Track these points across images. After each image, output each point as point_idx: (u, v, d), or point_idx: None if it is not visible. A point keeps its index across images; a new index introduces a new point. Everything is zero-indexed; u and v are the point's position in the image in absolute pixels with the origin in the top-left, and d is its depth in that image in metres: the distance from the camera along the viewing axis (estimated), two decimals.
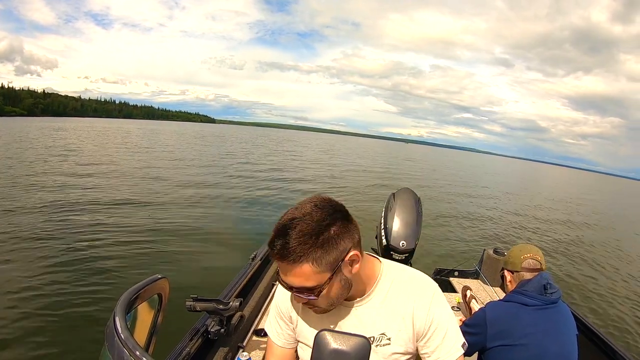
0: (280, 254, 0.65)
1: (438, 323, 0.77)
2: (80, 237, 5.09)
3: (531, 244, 1.44)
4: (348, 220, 0.70)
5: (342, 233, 0.67)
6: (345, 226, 0.68)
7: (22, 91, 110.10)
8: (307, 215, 0.65)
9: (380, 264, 0.83)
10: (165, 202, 7.70)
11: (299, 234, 0.64)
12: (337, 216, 0.67)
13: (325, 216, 0.66)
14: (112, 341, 0.59)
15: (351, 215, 0.72)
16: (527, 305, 1.23)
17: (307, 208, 0.66)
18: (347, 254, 0.69)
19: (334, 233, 0.66)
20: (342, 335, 0.68)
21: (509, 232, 8.88)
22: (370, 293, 0.79)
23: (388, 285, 0.80)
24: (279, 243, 0.65)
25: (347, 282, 0.72)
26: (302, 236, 0.64)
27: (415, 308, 0.77)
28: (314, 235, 0.64)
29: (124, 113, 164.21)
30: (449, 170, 32.06)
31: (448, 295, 2.74)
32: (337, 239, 0.66)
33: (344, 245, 0.68)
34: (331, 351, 0.66)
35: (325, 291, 0.69)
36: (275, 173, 14.30)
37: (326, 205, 0.68)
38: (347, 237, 0.68)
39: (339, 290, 0.72)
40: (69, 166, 11.36)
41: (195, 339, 1.43)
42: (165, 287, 0.88)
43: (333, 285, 0.70)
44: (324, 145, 51.66)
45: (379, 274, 0.80)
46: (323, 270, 0.66)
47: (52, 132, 28.31)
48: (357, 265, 0.72)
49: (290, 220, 0.65)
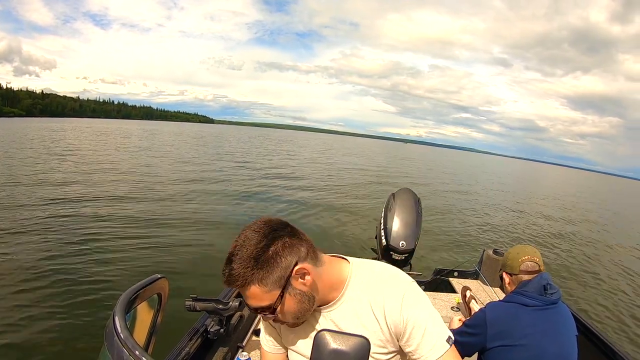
0: (228, 281, 0.70)
1: (415, 321, 0.75)
2: (79, 237, 5.09)
3: (529, 245, 1.44)
4: (292, 235, 0.73)
5: (282, 250, 0.70)
6: (287, 243, 0.71)
7: (21, 92, 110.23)
8: (246, 240, 0.70)
9: (349, 265, 0.82)
10: (165, 201, 7.69)
11: (240, 260, 0.68)
12: (274, 235, 0.70)
13: (262, 238, 0.70)
14: (111, 341, 0.59)
15: (297, 230, 0.75)
16: (527, 305, 1.23)
17: (246, 234, 0.71)
18: (292, 269, 0.71)
19: (272, 252, 0.69)
20: (341, 335, 0.68)
21: (508, 231, 8.88)
22: (340, 297, 0.79)
23: (358, 287, 0.79)
24: (226, 271, 0.70)
25: (304, 295, 0.74)
26: (243, 261, 0.68)
27: (387, 308, 0.76)
28: (253, 259, 0.68)
29: (122, 113, 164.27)
30: (446, 169, 32.08)
31: (447, 295, 2.74)
32: (277, 257, 0.69)
33: (287, 261, 0.70)
34: (331, 351, 0.67)
35: (280, 308, 0.73)
36: (274, 173, 14.30)
37: (263, 227, 0.71)
38: (290, 252, 0.71)
39: (297, 305, 0.74)
40: (68, 166, 11.36)
41: (195, 339, 1.43)
42: (164, 287, 0.88)
43: (287, 301, 0.72)
44: (322, 145, 51.69)
45: (348, 276, 0.80)
46: (271, 289, 0.70)
47: (51, 132, 28.33)
48: (309, 277, 0.73)
49: (233, 249, 0.70)
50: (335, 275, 0.79)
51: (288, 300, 0.72)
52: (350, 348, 0.66)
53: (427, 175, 22.75)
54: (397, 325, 0.76)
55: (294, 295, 0.72)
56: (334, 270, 0.79)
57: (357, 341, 0.67)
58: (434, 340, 0.76)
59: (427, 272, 3.20)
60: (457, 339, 1.34)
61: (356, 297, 0.79)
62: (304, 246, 0.74)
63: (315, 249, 0.77)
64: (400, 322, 0.76)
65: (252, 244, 0.69)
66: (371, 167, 22.75)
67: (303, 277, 0.73)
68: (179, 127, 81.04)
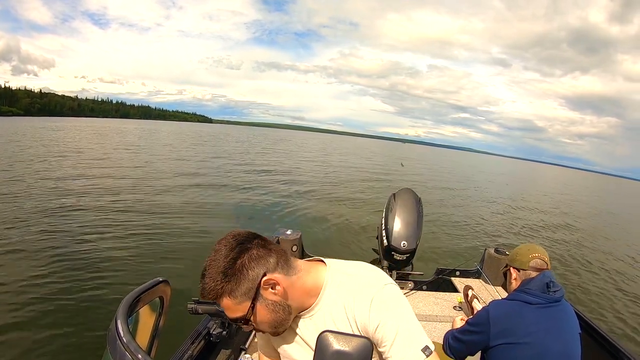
0: (202, 294, 0.73)
1: (383, 327, 0.72)
2: (80, 240, 5.08)
3: (538, 244, 1.45)
4: (260, 247, 0.74)
5: (249, 263, 0.71)
6: (253, 255, 0.72)
7: (19, 91, 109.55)
8: (216, 255, 0.72)
9: (326, 269, 0.81)
10: (166, 204, 7.69)
11: (210, 275, 0.71)
12: (241, 248, 0.72)
13: (229, 252, 0.71)
14: (114, 345, 0.59)
15: (266, 241, 0.76)
16: (530, 303, 1.23)
17: (217, 248, 0.73)
18: (260, 280, 0.72)
19: (239, 265, 0.71)
20: (344, 337, 0.68)
21: (509, 231, 8.87)
22: (318, 302, 0.79)
23: (335, 291, 0.78)
24: (200, 286, 0.73)
25: (277, 305, 0.75)
26: (213, 275, 0.70)
27: (356, 313, 0.75)
28: (221, 273, 0.70)
29: (120, 113, 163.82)
30: (444, 169, 32.06)
31: (450, 295, 2.74)
32: (244, 269, 0.71)
33: (255, 273, 0.71)
34: (333, 352, 0.66)
35: (254, 318, 0.75)
36: (273, 173, 14.29)
37: (231, 241, 0.73)
38: (258, 264, 0.72)
39: (271, 314, 0.75)
40: (67, 167, 11.33)
41: (198, 342, 1.43)
42: (166, 290, 0.88)
43: (259, 311, 0.74)
44: (321, 145, 51.67)
45: (325, 281, 0.79)
46: (241, 300, 0.72)
47: (50, 132, 28.29)
48: (279, 287, 0.74)
49: (206, 264, 0.73)
50: (311, 282, 0.79)
51: (260, 310, 0.74)
52: (353, 349, 0.66)
53: (426, 175, 22.73)
54: (367, 330, 0.74)
55: (265, 305, 0.73)
56: (309, 277, 0.79)
57: (359, 342, 0.67)
58: (406, 350, 0.71)
59: (429, 272, 3.20)
60: (460, 337, 1.35)
61: (332, 301, 0.78)
62: (272, 257, 0.74)
63: (288, 258, 0.77)
64: (369, 325, 0.74)
65: (220, 258, 0.71)
66: (370, 167, 22.74)
67: (273, 287, 0.73)
68: (178, 127, 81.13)
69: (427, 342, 0.73)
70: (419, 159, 45.47)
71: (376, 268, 0.83)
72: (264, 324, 0.76)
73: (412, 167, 29.09)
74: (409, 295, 2.67)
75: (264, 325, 0.76)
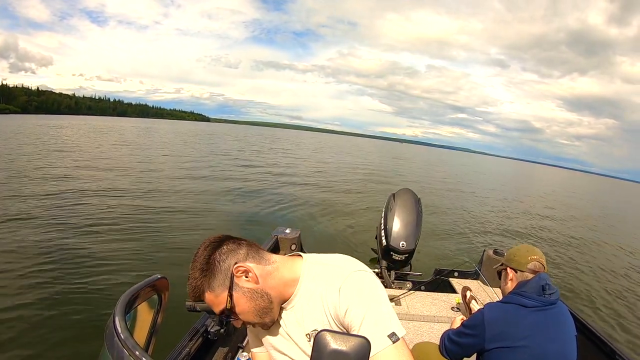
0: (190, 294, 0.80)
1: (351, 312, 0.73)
2: (78, 236, 5.09)
3: (535, 247, 1.45)
4: (230, 243, 0.81)
5: (220, 256, 0.78)
6: (224, 249, 0.79)
7: (16, 88, 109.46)
8: (195, 257, 0.80)
9: (302, 261, 0.85)
10: (165, 200, 7.69)
11: (191, 275, 0.79)
12: (214, 246, 0.79)
13: (203, 251, 0.79)
14: (111, 341, 0.60)
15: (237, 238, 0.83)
16: (525, 306, 1.23)
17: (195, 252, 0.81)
18: (232, 269, 0.78)
19: (212, 260, 0.78)
20: (341, 336, 0.68)
21: (508, 232, 8.88)
22: (296, 293, 0.83)
23: (311, 282, 0.81)
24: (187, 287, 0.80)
25: (254, 292, 0.79)
26: (193, 274, 0.79)
27: (328, 299, 0.77)
28: (199, 270, 0.78)
29: (118, 111, 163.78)
30: (443, 169, 32.06)
31: (448, 295, 2.74)
32: (218, 263, 0.78)
33: (227, 264, 0.78)
34: (331, 351, 0.67)
35: (236, 308, 0.79)
36: (272, 172, 14.30)
37: (206, 242, 0.81)
38: (229, 256, 0.79)
39: (250, 302, 0.79)
40: (65, 165, 11.33)
41: (195, 339, 1.43)
42: (165, 287, 0.88)
43: (237, 300, 0.78)
44: (319, 144, 51.66)
45: (301, 272, 0.83)
46: (219, 292, 0.77)
47: (48, 129, 28.27)
48: (251, 274, 0.79)
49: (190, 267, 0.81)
50: (288, 273, 0.83)
51: (238, 299, 0.78)
52: (350, 349, 0.66)
53: (424, 174, 22.74)
54: (338, 316, 0.76)
55: (242, 293, 0.78)
56: (285, 268, 0.83)
57: (357, 342, 0.67)
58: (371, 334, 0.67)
59: (428, 273, 3.20)
60: (455, 339, 1.35)
61: (309, 292, 0.81)
62: (242, 249, 0.81)
63: (258, 249, 0.83)
64: (340, 313, 0.75)
65: (198, 259, 0.79)
66: (369, 167, 22.74)
67: (247, 274, 0.79)
68: (175, 126, 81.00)
69: (396, 328, 0.72)
70: (415, 159, 45.44)
71: (352, 258, 0.84)
72: (247, 313, 0.80)
73: (407, 167, 29.09)
74: (407, 296, 2.67)
75: (248, 315, 0.80)
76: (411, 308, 2.50)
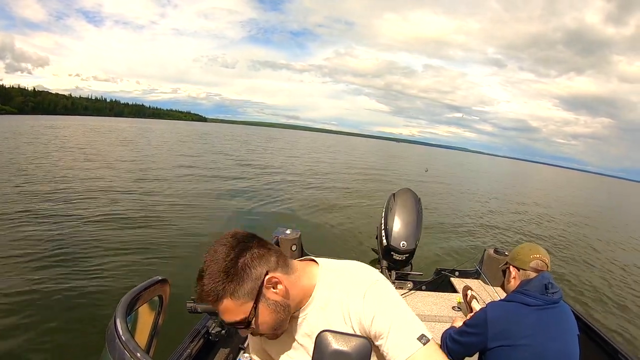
0: (200, 297, 0.71)
1: (378, 317, 0.73)
2: (79, 238, 5.07)
3: (539, 245, 1.45)
4: (260, 246, 0.73)
5: (252, 261, 0.70)
6: (255, 254, 0.71)
7: (13, 89, 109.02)
8: (215, 255, 0.70)
9: (318, 268, 0.82)
10: (165, 202, 7.68)
11: (210, 275, 0.69)
12: (242, 247, 0.71)
13: (230, 251, 0.70)
14: (113, 343, 0.59)
15: (265, 240, 0.76)
16: (528, 305, 1.23)
17: (215, 248, 0.71)
18: (263, 279, 0.71)
19: (242, 264, 0.69)
20: (342, 336, 0.68)
21: (508, 231, 8.87)
22: (311, 301, 0.79)
23: (327, 290, 0.79)
24: (198, 288, 0.70)
25: (278, 305, 0.74)
26: (213, 276, 0.68)
27: (351, 307, 0.75)
28: (223, 272, 0.68)
29: (114, 111, 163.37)
30: (441, 169, 32.06)
31: (449, 295, 2.74)
32: (247, 268, 0.70)
33: (258, 272, 0.71)
34: (332, 352, 0.66)
35: (255, 320, 0.72)
36: (271, 172, 14.28)
37: (230, 240, 0.72)
38: (260, 263, 0.71)
39: (272, 315, 0.74)
40: (63, 166, 11.31)
41: (196, 341, 1.43)
42: (165, 289, 0.88)
43: (261, 312, 0.72)
44: (317, 144, 51.63)
45: (317, 280, 0.80)
46: (244, 301, 0.70)
47: (45, 129, 28.20)
48: (281, 286, 0.73)
49: (204, 265, 0.71)
50: (307, 281, 0.79)
51: (262, 311, 0.72)
52: (351, 349, 0.66)
53: (422, 174, 22.74)
54: (363, 325, 0.75)
55: (267, 305, 0.72)
56: (305, 276, 0.79)
57: (358, 342, 0.67)
58: (402, 339, 0.72)
59: (428, 272, 3.20)
60: (457, 338, 1.35)
61: (325, 299, 0.79)
62: (273, 256, 0.74)
63: (285, 257, 0.77)
64: (365, 321, 0.74)
65: (220, 258, 0.69)
66: (367, 167, 22.74)
67: (275, 286, 0.73)
68: (172, 126, 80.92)
69: (424, 330, 0.73)
70: (413, 159, 45.43)
71: (366, 265, 0.84)
72: (264, 325, 0.74)
73: (404, 166, 29.10)
74: (408, 295, 2.67)
75: (265, 326, 0.75)
76: (412, 308, 2.48)
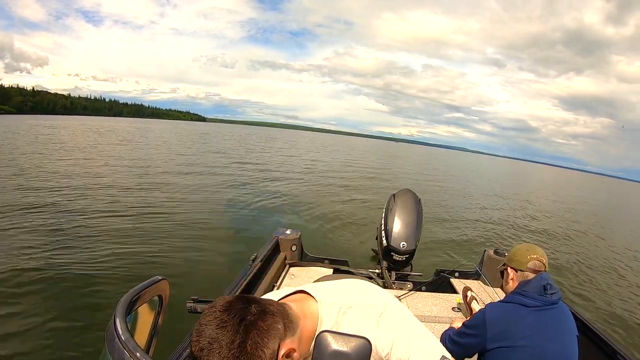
0: None
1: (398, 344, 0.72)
2: (78, 238, 5.07)
3: (537, 245, 1.44)
4: (262, 315, 0.60)
5: (261, 340, 0.58)
6: (261, 328, 0.59)
7: (12, 89, 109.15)
8: (214, 343, 0.56)
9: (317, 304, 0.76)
10: (164, 202, 7.67)
11: None
12: (245, 325, 0.58)
13: (234, 335, 0.56)
14: (112, 343, 0.60)
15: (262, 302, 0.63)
16: (527, 306, 1.23)
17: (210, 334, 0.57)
18: (277, 354, 0.60)
19: (251, 347, 0.57)
20: (342, 337, 0.68)
21: (508, 231, 8.86)
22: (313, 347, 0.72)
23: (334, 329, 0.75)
24: None
25: None
26: None
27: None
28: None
29: (113, 111, 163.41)
30: (440, 169, 32.06)
31: (449, 296, 2.74)
32: (258, 350, 0.57)
33: (270, 349, 0.59)
34: (332, 352, 0.66)
35: None
36: (271, 172, 14.27)
37: (228, 318, 0.58)
38: (270, 337, 0.59)
39: None
40: (63, 165, 11.32)
41: None
42: (165, 289, 0.88)
43: None
44: (316, 143, 51.60)
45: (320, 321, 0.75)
46: None
47: (44, 129, 28.22)
48: (296, 354, 0.64)
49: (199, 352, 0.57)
50: (310, 325, 0.72)
51: None
52: (351, 349, 0.66)
53: (421, 175, 22.74)
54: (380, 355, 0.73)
55: None
56: (307, 321, 0.72)
57: (358, 342, 0.67)
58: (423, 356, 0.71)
59: (428, 273, 3.20)
60: (456, 339, 1.35)
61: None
62: (279, 322, 0.62)
63: (289, 314, 0.66)
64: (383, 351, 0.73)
65: (224, 347, 0.55)
66: (367, 166, 22.74)
67: (290, 355, 0.63)
68: (171, 125, 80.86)
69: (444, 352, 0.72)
70: (411, 159, 45.44)
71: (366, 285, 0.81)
72: None
73: (403, 166, 29.10)
74: (408, 296, 2.67)
75: None
76: (412, 308, 2.49)
